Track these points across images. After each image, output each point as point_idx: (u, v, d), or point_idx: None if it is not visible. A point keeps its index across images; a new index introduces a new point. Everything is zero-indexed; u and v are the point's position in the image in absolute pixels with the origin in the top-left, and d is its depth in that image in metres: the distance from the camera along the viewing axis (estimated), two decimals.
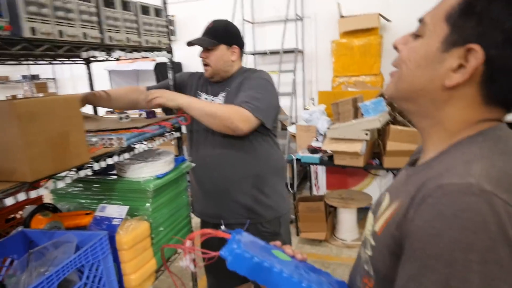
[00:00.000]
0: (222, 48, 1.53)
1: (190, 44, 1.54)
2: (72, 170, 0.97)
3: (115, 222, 1.09)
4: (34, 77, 5.75)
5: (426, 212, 0.48)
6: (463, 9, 0.52)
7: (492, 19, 0.49)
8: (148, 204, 1.20)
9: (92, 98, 1.56)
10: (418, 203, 0.50)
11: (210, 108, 1.41)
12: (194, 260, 0.67)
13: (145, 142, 1.26)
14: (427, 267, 0.47)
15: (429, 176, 0.53)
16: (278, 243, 0.79)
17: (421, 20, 0.59)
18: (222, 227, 0.80)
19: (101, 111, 1.87)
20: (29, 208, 1.20)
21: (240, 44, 1.58)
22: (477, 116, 0.55)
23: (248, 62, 4.76)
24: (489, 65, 0.51)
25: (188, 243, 0.66)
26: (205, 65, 1.55)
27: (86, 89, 1.66)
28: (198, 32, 1.56)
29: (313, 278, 0.68)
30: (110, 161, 1.08)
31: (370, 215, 0.71)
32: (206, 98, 1.62)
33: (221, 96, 1.57)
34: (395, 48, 0.62)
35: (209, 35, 1.53)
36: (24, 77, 5.73)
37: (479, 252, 0.44)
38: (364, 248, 0.67)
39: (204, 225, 1.72)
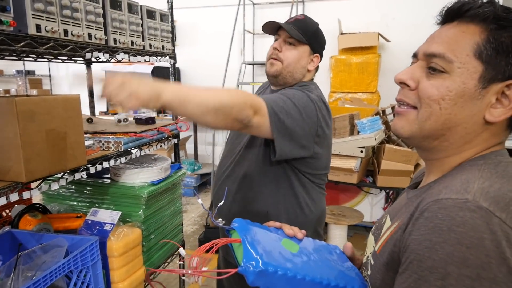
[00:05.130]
0: (305, 49, 1.25)
1: (268, 27, 1.25)
2: (67, 172, 0.94)
3: (106, 227, 1.06)
4: (29, 72, 5.67)
5: (423, 226, 0.49)
6: (496, 47, 0.53)
7: None
8: (141, 211, 1.18)
9: None
10: (416, 217, 0.51)
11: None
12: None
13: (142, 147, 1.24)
14: (422, 279, 0.47)
15: (428, 194, 0.54)
16: (276, 224, 0.74)
17: (431, 55, 0.56)
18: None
19: (97, 112, 1.83)
20: (18, 207, 1.16)
21: (321, 56, 1.32)
22: (496, 141, 0.57)
23: (247, 72, 4.77)
24: None
25: (194, 261, 0.61)
26: (274, 59, 1.24)
27: (82, 89, 1.62)
28: (199, 38, 1.51)
29: (330, 266, 0.69)
30: (106, 164, 1.06)
31: (371, 237, 0.71)
32: None
33: None
34: (402, 83, 0.59)
35: (297, 27, 1.23)
36: (18, 72, 5.64)
37: (473, 268, 0.44)
38: (365, 269, 0.67)
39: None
